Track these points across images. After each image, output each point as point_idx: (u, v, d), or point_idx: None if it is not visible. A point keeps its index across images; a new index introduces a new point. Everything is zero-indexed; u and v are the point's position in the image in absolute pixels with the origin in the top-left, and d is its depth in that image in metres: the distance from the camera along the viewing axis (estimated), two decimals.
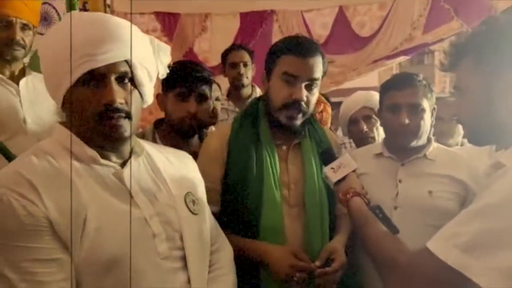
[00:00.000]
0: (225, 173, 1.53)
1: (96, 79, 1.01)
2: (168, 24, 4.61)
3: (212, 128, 2.16)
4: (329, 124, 2.68)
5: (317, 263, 1.41)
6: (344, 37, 4.14)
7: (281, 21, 4.33)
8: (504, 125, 1.06)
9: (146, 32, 1.20)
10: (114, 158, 1.09)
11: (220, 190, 1.52)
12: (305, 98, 1.48)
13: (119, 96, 1.02)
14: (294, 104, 1.48)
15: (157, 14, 4.59)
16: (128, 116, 1.05)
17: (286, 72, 1.47)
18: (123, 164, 1.10)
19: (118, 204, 1.03)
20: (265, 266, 1.42)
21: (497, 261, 0.89)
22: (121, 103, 1.03)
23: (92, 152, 1.04)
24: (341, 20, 4.17)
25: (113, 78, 1.02)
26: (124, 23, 1.05)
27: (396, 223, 1.28)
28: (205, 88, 1.74)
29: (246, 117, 1.61)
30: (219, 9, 4.44)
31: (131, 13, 3.39)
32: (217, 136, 1.60)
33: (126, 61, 1.04)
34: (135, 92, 1.08)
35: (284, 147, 1.57)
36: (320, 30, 4.23)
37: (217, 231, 1.32)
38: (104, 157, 1.07)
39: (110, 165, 1.07)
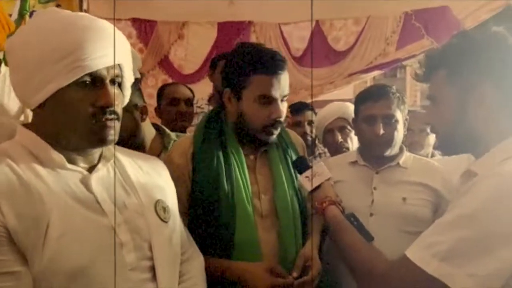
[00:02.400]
0: (192, 190, 1.45)
1: (93, 81, 0.99)
2: (144, 31, 4.58)
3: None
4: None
5: (294, 274, 1.38)
6: (321, 50, 4.19)
7: (259, 33, 4.36)
8: (477, 135, 1.09)
9: None
10: (81, 163, 1.06)
11: (186, 209, 1.44)
12: (284, 116, 1.46)
13: (115, 98, 1.02)
14: (274, 124, 1.45)
15: (134, 20, 4.56)
16: (118, 118, 1.05)
17: (262, 95, 1.42)
18: (91, 170, 1.06)
19: (83, 211, 0.98)
20: (243, 286, 1.38)
21: (475, 269, 0.91)
22: (116, 106, 1.03)
23: (58, 156, 1.01)
24: (318, 34, 4.24)
25: (107, 80, 1.02)
26: (112, 28, 1.04)
27: (371, 229, 1.31)
28: None
29: (209, 129, 1.52)
30: (196, 18, 4.44)
31: (114, 18, 3.35)
32: (179, 151, 1.49)
33: (119, 64, 1.05)
34: (121, 94, 1.09)
35: (252, 157, 1.53)
36: (297, 43, 4.28)
37: (188, 240, 1.29)
38: (70, 161, 1.03)
39: (76, 170, 1.03)
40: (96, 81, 1.00)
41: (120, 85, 1.08)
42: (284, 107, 1.48)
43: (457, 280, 0.92)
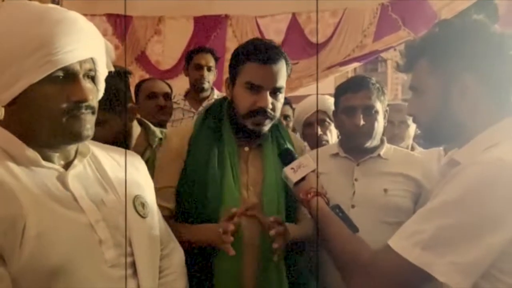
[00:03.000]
0: (184, 171, 1.50)
1: (65, 76, 0.96)
2: (120, 27, 4.51)
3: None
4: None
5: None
6: (298, 43, 4.19)
7: (235, 26, 4.33)
8: (459, 124, 1.09)
9: None
10: (57, 160, 1.04)
11: (175, 188, 1.51)
12: (270, 106, 1.46)
13: (89, 93, 0.99)
14: (259, 111, 1.46)
15: (109, 16, 4.48)
16: (93, 112, 1.03)
17: (249, 82, 1.45)
18: (67, 166, 1.05)
19: (60, 209, 0.97)
20: (206, 245, 1.41)
21: (457, 257, 0.91)
22: (91, 100, 1.00)
23: (32, 153, 0.98)
24: (294, 27, 4.23)
25: (81, 75, 0.99)
26: (84, 20, 1.01)
27: (354, 220, 1.30)
28: None
29: (209, 117, 1.58)
30: (172, 13, 4.39)
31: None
32: (178, 134, 1.57)
33: (92, 58, 1.02)
34: (95, 88, 1.05)
35: (246, 148, 1.55)
36: (274, 36, 4.26)
37: (168, 235, 1.29)
38: (45, 158, 1.01)
39: (52, 168, 1.01)
40: (69, 76, 0.97)
41: (93, 79, 1.05)
42: (279, 101, 1.49)
43: (438, 268, 0.92)
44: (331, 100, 2.28)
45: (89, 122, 1.01)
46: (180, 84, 3.61)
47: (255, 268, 1.44)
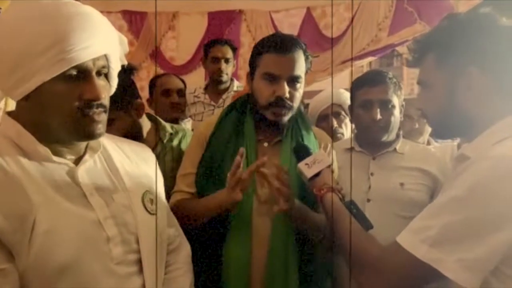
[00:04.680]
0: (201, 162, 1.53)
1: (78, 74, 0.94)
2: (135, 23, 4.55)
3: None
4: None
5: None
6: (312, 37, 4.16)
7: (249, 21, 4.34)
8: (468, 118, 1.08)
9: None
10: (67, 155, 1.02)
11: (195, 173, 1.53)
12: (287, 95, 1.46)
13: (102, 91, 0.97)
14: (278, 101, 1.46)
15: (124, 12, 4.52)
16: (106, 111, 1.01)
17: (267, 72, 1.46)
18: (77, 161, 1.03)
19: (70, 206, 0.95)
20: (224, 209, 1.41)
21: (464, 254, 0.90)
22: (104, 98, 0.98)
23: (43, 149, 0.97)
24: (309, 21, 4.21)
25: (94, 72, 0.97)
26: (98, 15, 0.99)
27: (369, 215, 1.29)
28: None
29: (232, 110, 1.60)
30: (186, 8, 4.41)
31: None
32: (204, 124, 1.62)
33: (105, 54, 0.99)
34: (108, 85, 1.04)
35: (266, 144, 1.55)
36: (288, 31, 4.23)
37: (176, 229, 1.27)
38: (56, 153, 0.99)
39: (63, 163, 1.00)
40: (82, 74, 0.95)
41: (106, 76, 1.03)
42: (297, 90, 1.49)
43: (446, 265, 0.91)
44: (346, 94, 2.27)
45: (101, 121, 1.00)
46: (195, 79, 3.64)
47: (264, 257, 1.43)
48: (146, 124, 1.72)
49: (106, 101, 1.01)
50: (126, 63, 1.13)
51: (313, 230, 1.50)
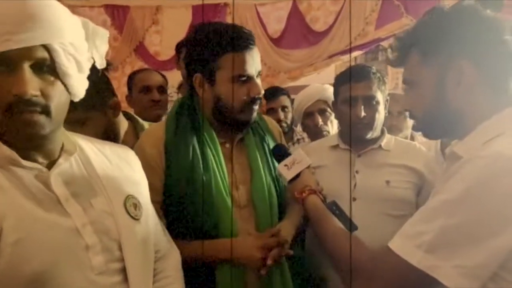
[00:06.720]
0: (165, 180, 1.38)
1: (7, 65, 0.85)
2: (118, 17, 4.46)
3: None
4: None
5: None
6: (299, 31, 4.12)
7: (235, 15, 4.27)
8: (458, 114, 1.04)
9: None
10: (39, 158, 0.94)
11: (161, 201, 1.38)
12: (262, 91, 1.40)
13: (32, 86, 0.85)
14: (255, 101, 1.39)
15: (106, 7, 4.44)
16: (46, 111, 0.88)
17: (238, 75, 1.35)
18: (51, 165, 0.95)
19: (42, 213, 0.89)
20: (234, 261, 1.32)
21: (462, 260, 0.86)
22: (35, 95, 0.86)
23: (9, 152, 0.89)
24: (295, 15, 4.16)
25: (26, 65, 0.86)
26: (50, 2, 0.89)
27: (355, 214, 1.26)
28: None
29: (182, 117, 1.45)
30: (170, 2, 4.33)
31: None
32: (151, 140, 1.41)
33: (45, 46, 0.87)
34: (58, 84, 0.91)
35: (228, 145, 1.46)
36: (274, 24, 4.20)
37: (164, 235, 1.21)
38: (26, 157, 0.91)
39: (33, 167, 0.92)
40: (9, 65, 0.85)
41: (54, 71, 0.90)
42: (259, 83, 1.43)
43: (444, 272, 0.87)
44: (331, 90, 2.22)
45: (35, 120, 0.87)
46: (180, 76, 3.55)
47: (257, 280, 1.37)
48: (123, 124, 1.64)
49: (41, 99, 0.88)
50: (104, 65, 1.03)
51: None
